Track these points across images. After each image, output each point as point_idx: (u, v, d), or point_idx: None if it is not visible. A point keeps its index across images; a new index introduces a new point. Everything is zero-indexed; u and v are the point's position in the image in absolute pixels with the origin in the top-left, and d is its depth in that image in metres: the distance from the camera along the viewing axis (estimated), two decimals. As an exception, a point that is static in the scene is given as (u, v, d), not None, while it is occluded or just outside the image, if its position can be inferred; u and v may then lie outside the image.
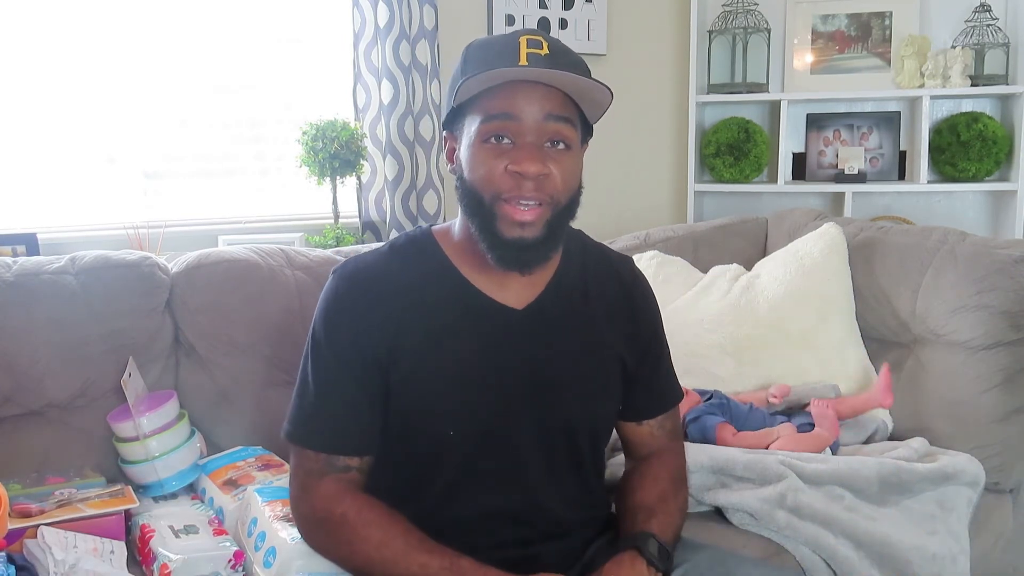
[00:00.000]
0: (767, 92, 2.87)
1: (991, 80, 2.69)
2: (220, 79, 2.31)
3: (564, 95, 1.10)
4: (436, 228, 1.24)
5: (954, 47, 2.69)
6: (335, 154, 2.15)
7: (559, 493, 1.21)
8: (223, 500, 1.41)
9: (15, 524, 1.21)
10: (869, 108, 2.90)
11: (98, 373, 1.57)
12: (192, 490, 1.52)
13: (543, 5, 2.70)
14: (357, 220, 2.39)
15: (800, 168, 2.94)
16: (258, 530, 1.26)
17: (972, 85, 2.68)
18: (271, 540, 1.22)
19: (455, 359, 1.16)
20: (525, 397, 1.17)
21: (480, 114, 1.10)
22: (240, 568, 1.24)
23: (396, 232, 2.32)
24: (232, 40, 2.30)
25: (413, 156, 2.35)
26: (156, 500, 1.47)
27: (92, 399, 1.57)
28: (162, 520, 1.32)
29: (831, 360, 1.86)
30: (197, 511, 1.40)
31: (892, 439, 1.76)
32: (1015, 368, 1.69)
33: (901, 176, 2.87)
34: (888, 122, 2.87)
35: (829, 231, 2.00)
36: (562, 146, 1.11)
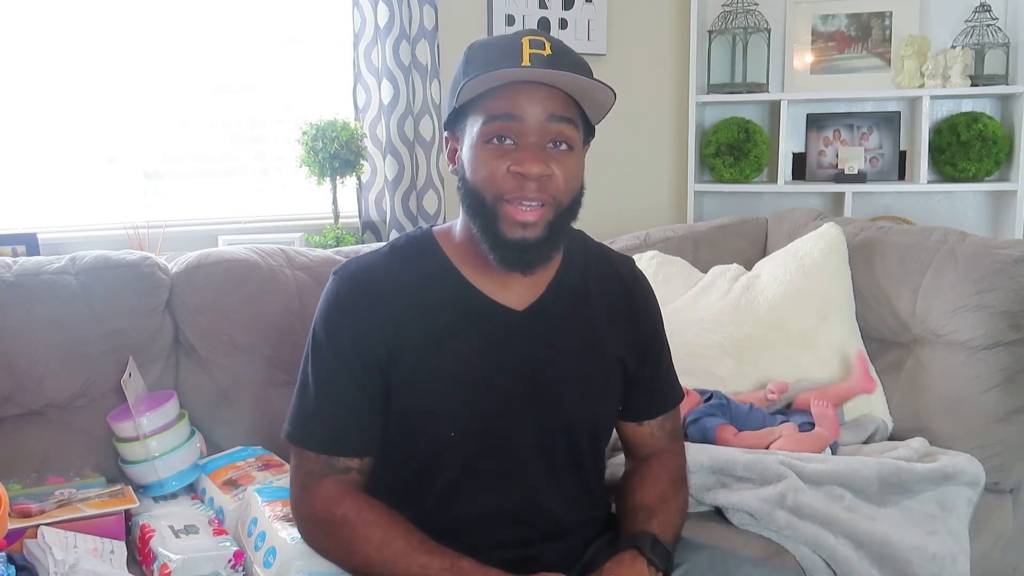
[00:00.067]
0: (767, 92, 2.87)
1: (991, 80, 2.69)
2: (220, 79, 2.31)
3: (566, 95, 1.10)
4: (437, 229, 1.24)
5: (954, 47, 2.69)
6: (335, 154, 2.15)
7: (559, 493, 1.21)
8: (223, 500, 1.41)
9: (15, 524, 1.21)
10: (869, 108, 2.90)
11: (98, 373, 1.57)
12: (192, 490, 1.52)
13: (543, 5, 2.70)
14: (357, 220, 2.39)
15: (800, 168, 2.94)
16: (258, 530, 1.26)
17: (972, 85, 2.67)
18: (271, 540, 1.22)
19: (455, 360, 1.16)
20: (525, 398, 1.17)
21: (482, 115, 1.09)
22: (240, 568, 1.24)
23: (396, 232, 2.32)
24: (232, 40, 2.30)
25: (413, 156, 2.35)
26: (156, 500, 1.47)
27: (92, 399, 1.57)
28: (162, 520, 1.32)
29: (831, 360, 1.86)
30: (197, 511, 1.40)
31: (892, 439, 1.76)
32: (1015, 368, 1.69)
33: (901, 176, 2.87)
34: (888, 122, 2.86)
35: (829, 231, 2.00)
36: (564, 147, 1.11)
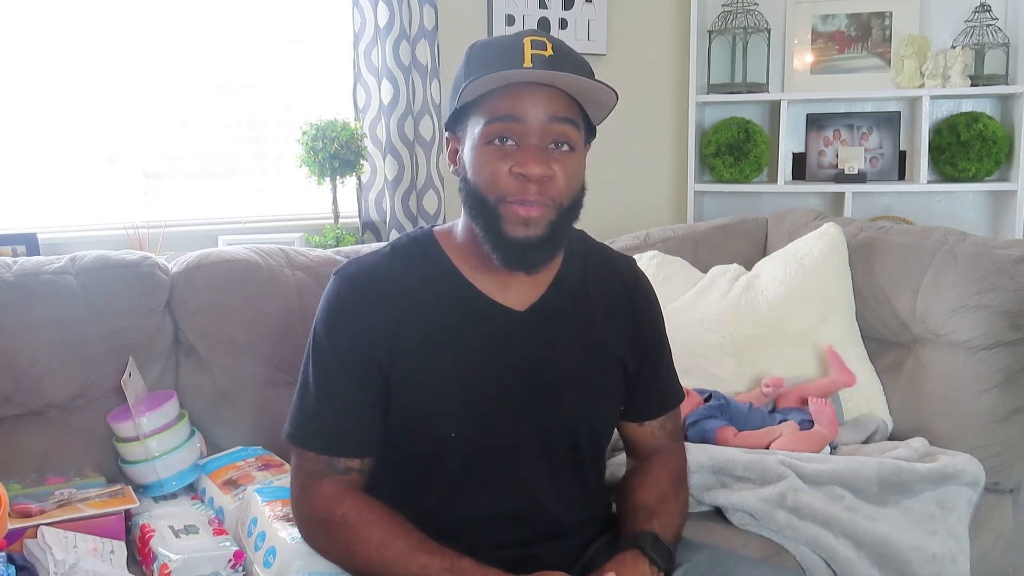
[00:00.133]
0: (767, 92, 2.87)
1: (991, 80, 2.69)
2: (220, 79, 2.31)
3: (568, 96, 1.10)
4: (438, 229, 1.24)
5: (954, 47, 2.69)
6: (335, 154, 2.15)
7: (559, 494, 1.21)
8: (223, 500, 1.41)
9: (15, 524, 1.21)
10: (869, 108, 2.90)
11: (98, 373, 1.56)
12: (192, 490, 1.52)
13: (543, 5, 2.70)
14: (357, 220, 2.39)
15: (800, 168, 2.94)
16: (258, 530, 1.26)
17: (972, 85, 2.67)
18: (271, 540, 1.22)
19: (456, 360, 1.16)
20: (526, 398, 1.17)
21: (484, 115, 1.09)
22: (240, 568, 1.24)
23: (396, 232, 2.32)
24: (232, 40, 2.30)
25: (413, 156, 2.35)
26: (156, 500, 1.47)
27: (92, 399, 1.57)
28: (162, 520, 1.32)
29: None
30: (197, 511, 1.40)
31: (892, 439, 1.76)
32: (1015, 368, 1.69)
33: (901, 176, 2.87)
34: (888, 122, 2.86)
35: (829, 231, 2.00)
36: (566, 148, 1.10)
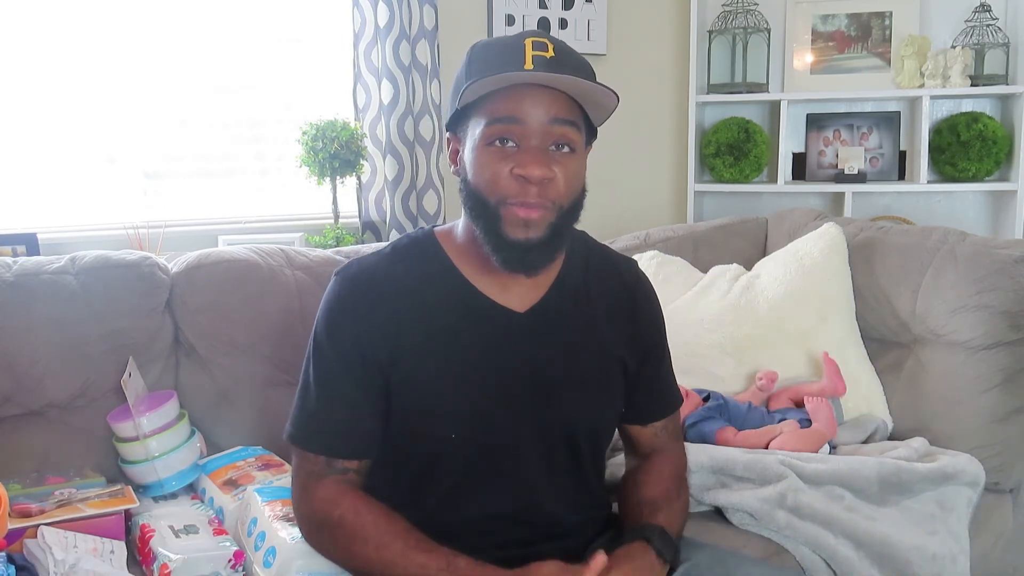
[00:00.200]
0: (767, 92, 2.87)
1: (991, 80, 2.69)
2: (220, 79, 2.30)
3: (569, 98, 1.10)
4: (438, 229, 1.24)
5: (954, 47, 2.69)
6: (335, 154, 2.15)
7: (559, 494, 1.21)
8: (223, 500, 1.41)
9: (15, 524, 1.21)
10: (869, 108, 2.90)
11: (98, 373, 1.56)
12: (192, 490, 1.52)
13: (543, 5, 2.70)
14: (357, 220, 2.39)
15: (800, 168, 2.94)
16: (258, 530, 1.26)
17: (972, 85, 2.68)
18: (271, 540, 1.22)
19: (456, 360, 1.16)
20: (526, 399, 1.17)
21: (485, 117, 1.09)
22: (240, 568, 1.24)
23: (396, 232, 2.32)
24: (232, 40, 2.30)
25: (413, 156, 2.35)
26: (156, 500, 1.46)
27: (92, 399, 1.57)
28: (162, 520, 1.32)
29: (831, 360, 1.86)
30: (197, 511, 1.40)
31: (892, 439, 1.76)
32: (1015, 368, 1.69)
33: (901, 176, 2.87)
34: (888, 122, 2.86)
35: (829, 231, 2.00)
36: (567, 149, 1.10)
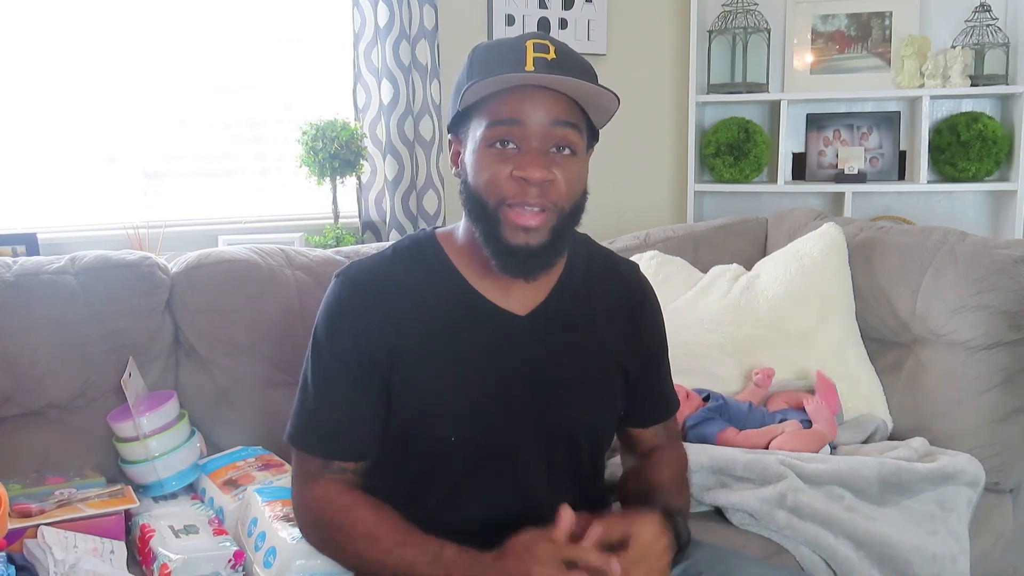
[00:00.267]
0: (767, 92, 2.87)
1: (991, 80, 2.69)
2: (220, 79, 2.30)
3: (570, 100, 1.09)
4: (440, 231, 1.24)
5: (954, 47, 2.69)
6: (335, 154, 2.15)
7: (560, 496, 1.20)
8: (223, 500, 1.41)
9: (15, 524, 1.21)
10: (869, 108, 2.90)
11: (98, 373, 1.56)
12: (192, 490, 1.52)
13: (543, 5, 2.70)
14: (357, 220, 2.39)
15: (800, 168, 2.94)
16: (258, 530, 1.26)
17: (972, 85, 2.68)
18: (271, 540, 1.22)
19: (455, 362, 1.16)
20: (526, 400, 1.17)
21: (485, 118, 1.09)
22: (240, 568, 1.24)
23: (396, 232, 2.32)
24: (232, 40, 2.30)
25: (413, 156, 2.35)
26: (156, 500, 1.46)
27: (92, 399, 1.57)
28: (162, 520, 1.32)
29: (831, 360, 1.85)
30: (197, 511, 1.40)
31: (892, 439, 1.76)
32: (1015, 368, 1.69)
33: (901, 176, 2.87)
34: (888, 122, 2.86)
35: (829, 231, 2.00)
36: (568, 151, 1.10)
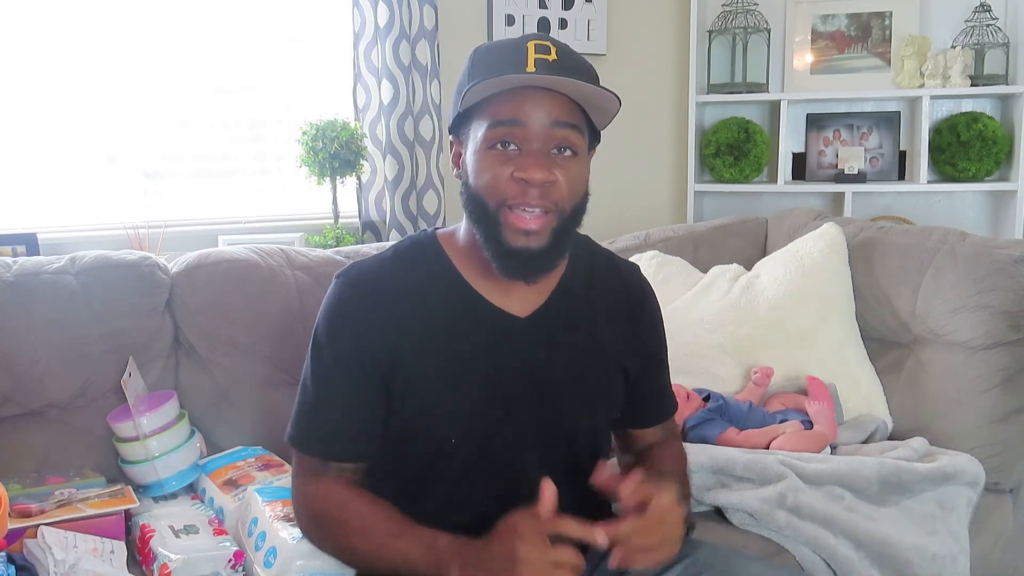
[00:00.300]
0: (767, 92, 2.87)
1: (991, 80, 2.69)
2: (220, 79, 2.30)
3: (571, 101, 1.09)
4: (441, 232, 1.24)
5: (954, 47, 2.69)
6: (335, 154, 2.15)
7: (559, 497, 1.20)
8: (223, 500, 1.41)
9: (15, 524, 1.21)
10: (869, 108, 2.90)
11: (98, 373, 1.56)
12: (192, 490, 1.52)
13: (543, 5, 2.70)
14: (357, 220, 2.39)
15: (800, 168, 2.94)
16: (258, 530, 1.26)
17: (972, 85, 2.68)
18: (271, 540, 1.22)
19: (456, 363, 1.16)
20: (526, 404, 1.17)
21: (486, 119, 1.09)
22: (240, 568, 1.25)
23: (396, 232, 2.32)
24: (232, 40, 2.30)
25: (413, 156, 2.35)
26: (156, 500, 1.47)
27: (92, 399, 1.57)
28: (162, 520, 1.32)
29: (831, 360, 1.86)
30: (197, 511, 1.40)
31: (892, 439, 1.76)
32: (1015, 368, 1.69)
33: (901, 176, 2.87)
34: (888, 122, 2.86)
35: (829, 231, 2.00)
36: (569, 153, 1.10)
